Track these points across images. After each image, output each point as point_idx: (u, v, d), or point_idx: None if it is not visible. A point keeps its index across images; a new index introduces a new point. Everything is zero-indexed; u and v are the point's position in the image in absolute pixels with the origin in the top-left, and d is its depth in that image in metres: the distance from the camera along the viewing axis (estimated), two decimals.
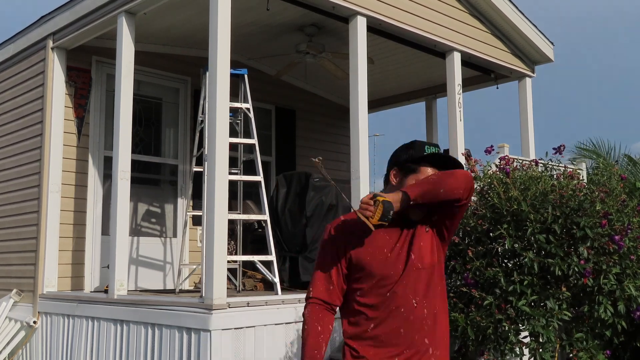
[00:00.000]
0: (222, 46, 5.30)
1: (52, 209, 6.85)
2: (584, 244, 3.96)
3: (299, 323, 5.49)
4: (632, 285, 4.02)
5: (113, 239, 5.96)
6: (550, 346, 3.89)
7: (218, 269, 5.01)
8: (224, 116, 5.26)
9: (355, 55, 6.32)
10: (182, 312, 5.14)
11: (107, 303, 5.92)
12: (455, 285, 4.27)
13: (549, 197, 4.04)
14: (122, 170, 6.01)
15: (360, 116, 6.25)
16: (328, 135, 9.80)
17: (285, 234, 7.08)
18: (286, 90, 9.25)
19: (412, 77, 9.14)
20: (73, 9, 6.75)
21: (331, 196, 7.09)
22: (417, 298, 2.44)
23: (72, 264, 6.98)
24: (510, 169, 4.29)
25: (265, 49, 8.19)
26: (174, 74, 8.00)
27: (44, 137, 6.94)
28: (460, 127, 7.30)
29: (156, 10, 6.28)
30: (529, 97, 8.36)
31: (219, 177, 5.15)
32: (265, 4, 6.33)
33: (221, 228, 5.09)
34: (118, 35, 6.20)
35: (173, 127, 8.05)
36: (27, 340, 6.87)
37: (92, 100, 7.30)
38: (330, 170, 9.32)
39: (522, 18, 7.95)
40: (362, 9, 6.34)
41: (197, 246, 7.78)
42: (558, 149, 4.56)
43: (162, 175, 8.03)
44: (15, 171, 7.43)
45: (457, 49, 7.35)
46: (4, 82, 7.90)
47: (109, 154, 6.94)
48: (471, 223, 4.17)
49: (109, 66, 7.31)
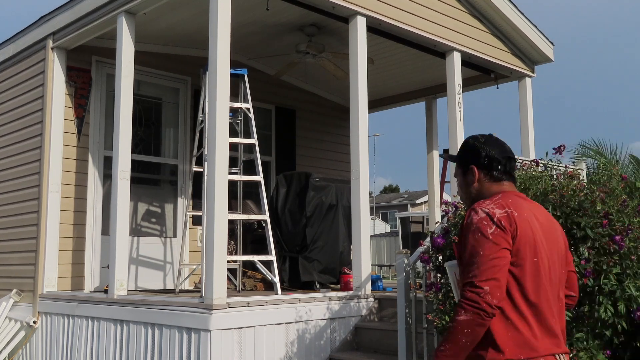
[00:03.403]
0: (222, 46, 5.30)
1: (52, 209, 6.85)
2: (584, 244, 3.96)
3: (299, 323, 5.49)
4: (632, 285, 4.02)
5: (113, 239, 5.96)
6: None
7: (218, 269, 5.01)
8: (224, 116, 5.26)
9: (355, 55, 6.33)
10: (182, 312, 5.14)
11: (107, 303, 5.92)
12: None
13: (550, 197, 4.04)
14: (122, 170, 6.02)
15: (360, 116, 6.25)
16: (328, 135, 9.79)
17: (285, 234, 7.08)
18: (286, 90, 9.25)
19: (412, 77, 9.14)
20: (73, 9, 6.75)
21: (331, 196, 7.10)
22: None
23: (72, 264, 6.98)
24: None
25: (265, 49, 8.19)
26: (174, 74, 8.00)
27: (44, 137, 6.93)
28: (460, 127, 7.30)
29: (156, 10, 6.28)
30: (529, 97, 8.36)
31: (219, 177, 5.15)
32: (265, 4, 6.34)
33: (221, 228, 5.09)
34: (118, 35, 6.20)
35: (173, 127, 8.05)
36: (27, 340, 6.87)
37: (92, 100, 7.30)
38: (330, 170, 9.33)
39: (522, 18, 7.95)
40: (362, 9, 6.34)
41: (197, 246, 7.77)
42: (558, 149, 4.56)
43: (162, 175, 8.03)
44: (15, 171, 7.43)
45: (457, 49, 7.35)
46: (4, 82, 7.89)
47: (109, 154, 6.94)
48: None
49: (109, 66, 7.31)
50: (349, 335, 5.83)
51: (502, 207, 2.34)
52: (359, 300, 5.99)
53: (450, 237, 4.27)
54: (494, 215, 2.31)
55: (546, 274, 2.33)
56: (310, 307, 5.59)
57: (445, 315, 4.08)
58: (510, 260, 2.27)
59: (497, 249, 2.25)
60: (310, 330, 5.56)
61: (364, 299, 6.04)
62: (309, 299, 5.64)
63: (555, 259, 2.40)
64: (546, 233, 2.40)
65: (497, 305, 2.20)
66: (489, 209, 2.34)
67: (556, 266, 2.40)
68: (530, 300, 2.27)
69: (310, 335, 5.56)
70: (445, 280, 4.40)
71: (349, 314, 5.89)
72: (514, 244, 2.28)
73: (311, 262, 6.88)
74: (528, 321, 2.26)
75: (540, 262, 2.31)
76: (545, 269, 2.33)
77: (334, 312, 5.74)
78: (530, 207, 2.43)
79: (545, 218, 2.48)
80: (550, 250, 2.38)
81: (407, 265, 5.00)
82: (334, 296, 5.82)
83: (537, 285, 2.29)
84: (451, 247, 4.29)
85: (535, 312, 2.28)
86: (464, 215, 3.63)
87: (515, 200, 2.42)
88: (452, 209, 4.43)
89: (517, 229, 2.29)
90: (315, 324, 5.61)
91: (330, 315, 5.70)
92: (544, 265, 2.33)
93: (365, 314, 6.00)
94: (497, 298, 2.20)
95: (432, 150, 9.62)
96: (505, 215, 2.30)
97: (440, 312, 4.15)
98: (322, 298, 5.72)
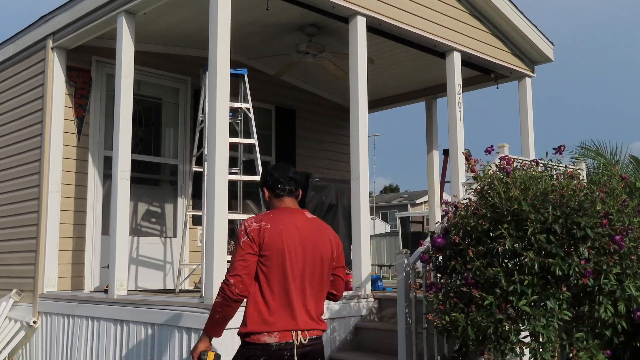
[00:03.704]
0: (222, 46, 5.30)
1: (52, 209, 6.85)
2: (584, 244, 3.96)
3: None
4: (632, 285, 4.02)
5: (113, 239, 5.96)
6: (550, 346, 3.89)
7: (218, 268, 5.01)
8: (224, 116, 5.26)
9: (355, 55, 6.32)
10: (182, 312, 5.14)
11: (107, 303, 5.92)
12: (456, 285, 4.27)
13: (550, 197, 4.04)
14: (122, 170, 6.02)
15: (360, 116, 6.25)
16: (328, 135, 9.79)
17: None
18: (286, 90, 9.25)
19: (412, 77, 9.14)
20: (73, 9, 6.75)
21: (331, 196, 7.10)
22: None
23: (72, 263, 6.98)
24: (511, 168, 4.29)
25: (265, 49, 8.19)
26: (174, 74, 8.00)
27: (44, 137, 6.93)
28: (460, 127, 7.30)
29: (156, 10, 6.28)
30: (529, 97, 8.36)
31: (219, 177, 5.15)
32: (265, 3, 6.34)
33: (221, 228, 5.09)
34: (118, 35, 6.20)
35: (173, 127, 8.05)
36: (27, 340, 6.87)
37: (92, 100, 7.30)
38: (330, 170, 9.33)
39: (522, 18, 7.95)
40: (362, 8, 6.34)
41: (197, 246, 7.77)
42: (558, 149, 4.55)
43: (162, 175, 8.03)
44: (15, 171, 7.43)
45: (457, 48, 7.35)
46: (4, 82, 7.90)
47: (109, 154, 6.94)
48: (471, 223, 4.16)
49: (109, 66, 7.31)
50: (349, 335, 5.83)
51: (259, 221, 3.10)
52: (359, 300, 5.99)
53: (451, 237, 4.27)
54: (249, 227, 3.07)
55: (292, 272, 3.05)
56: None
57: (445, 315, 4.08)
58: (261, 260, 3.04)
59: (244, 253, 3.03)
60: None
61: (364, 298, 6.03)
62: None
63: (311, 261, 3.12)
64: (305, 241, 3.12)
65: (239, 294, 3.01)
66: (248, 223, 3.10)
67: (312, 266, 3.12)
68: (275, 291, 3.03)
69: None
70: (446, 280, 4.40)
71: (349, 314, 5.89)
72: (262, 250, 3.03)
73: None
74: (269, 305, 3.02)
75: (286, 263, 3.04)
76: (293, 269, 3.06)
77: (333, 312, 5.74)
78: (293, 221, 3.15)
79: (311, 229, 3.18)
80: (304, 254, 3.10)
81: (407, 265, 4.99)
82: None
83: (281, 280, 3.04)
84: (451, 247, 4.30)
85: (278, 299, 3.03)
86: (463, 215, 4.20)
87: (279, 215, 3.16)
88: (452, 209, 4.43)
89: (265, 239, 3.03)
90: None
91: (330, 315, 5.70)
92: (291, 265, 3.06)
93: (365, 314, 6.00)
94: (239, 289, 3.00)
95: (432, 150, 9.62)
96: (258, 228, 3.06)
97: (440, 312, 4.15)
98: None
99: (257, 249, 3.03)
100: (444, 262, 4.38)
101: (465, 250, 4.13)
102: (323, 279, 3.18)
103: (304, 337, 3.04)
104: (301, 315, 3.05)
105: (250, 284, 3.03)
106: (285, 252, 3.05)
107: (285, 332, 3.01)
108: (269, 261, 3.03)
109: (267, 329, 2.99)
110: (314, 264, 3.13)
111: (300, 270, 3.08)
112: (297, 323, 3.04)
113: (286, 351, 3.00)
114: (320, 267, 3.15)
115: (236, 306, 3.06)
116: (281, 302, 3.03)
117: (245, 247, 3.03)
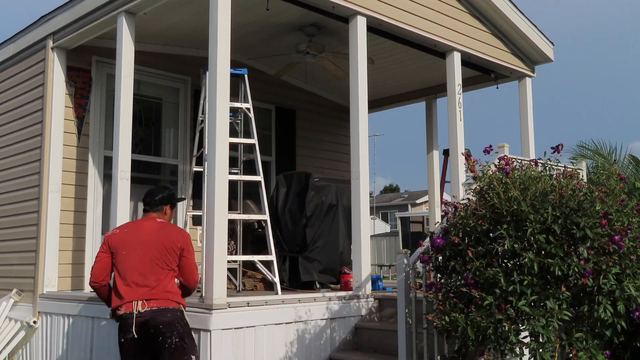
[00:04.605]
0: (222, 46, 5.30)
1: (52, 209, 6.85)
2: (583, 244, 3.96)
3: (298, 323, 5.50)
4: (631, 285, 4.02)
5: None
6: (550, 346, 3.89)
7: (218, 269, 5.02)
8: (224, 116, 5.27)
9: (355, 55, 6.33)
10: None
11: None
12: (455, 285, 4.27)
13: (549, 197, 4.04)
14: (122, 170, 6.02)
15: (360, 116, 6.25)
16: (328, 135, 9.80)
17: (285, 234, 7.08)
18: (286, 90, 9.25)
19: (412, 77, 9.14)
20: (73, 9, 6.75)
21: (331, 196, 7.10)
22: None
23: (72, 264, 6.98)
24: (510, 168, 4.29)
25: (265, 49, 8.19)
26: (174, 74, 8.01)
27: (44, 137, 6.94)
28: (460, 127, 7.31)
29: (156, 10, 6.28)
30: (529, 97, 8.36)
31: (219, 177, 5.15)
32: (265, 3, 6.34)
33: (221, 228, 5.10)
34: (118, 35, 6.20)
35: (173, 127, 8.06)
36: (27, 340, 6.88)
37: (92, 100, 7.30)
38: (330, 170, 9.33)
39: (522, 18, 7.95)
40: (362, 8, 6.35)
41: (197, 246, 7.77)
42: (556, 148, 4.54)
43: (162, 175, 8.04)
44: (15, 171, 7.43)
45: (457, 48, 7.36)
46: (4, 82, 7.90)
47: (109, 154, 6.95)
48: (471, 223, 4.17)
49: (109, 66, 7.31)
50: (349, 335, 5.83)
51: (115, 229, 4.59)
52: (359, 300, 6.00)
53: (450, 237, 4.27)
54: (107, 234, 4.54)
55: (132, 261, 4.30)
56: (310, 307, 5.60)
57: (445, 315, 4.08)
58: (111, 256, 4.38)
59: (99, 252, 4.44)
60: (310, 330, 5.57)
61: (364, 298, 6.04)
62: (309, 299, 5.64)
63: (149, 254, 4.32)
64: (144, 239, 4.37)
65: (95, 281, 4.38)
66: (110, 231, 4.63)
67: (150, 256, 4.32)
68: (122, 275, 4.30)
69: (310, 335, 5.56)
70: (445, 280, 4.41)
71: (349, 314, 5.89)
72: (112, 249, 4.38)
73: (311, 262, 6.88)
74: (118, 286, 4.28)
75: (127, 255, 4.32)
76: (131, 259, 4.31)
77: (333, 312, 5.74)
78: (138, 227, 4.49)
79: (151, 231, 4.41)
80: (144, 249, 4.33)
81: (407, 265, 5.00)
82: (333, 296, 5.83)
83: (124, 267, 4.31)
84: (451, 248, 4.30)
85: (124, 281, 4.28)
86: (462, 215, 4.30)
87: (131, 224, 4.62)
88: (452, 209, 4.43)
89: (112, 241, 4.41)
90: (315, 324, 5.62)
91: (330, 315, 5.71)
92: (130, 257, 4.31)
93: (365, 314, 6.00)
94: (93, 278, 4.38)
95: (432, 150, 9.63)
96: (110, 234, 4.49)
97: (440, 312, 4.15)
98: (322, 298, 5.72)
99: (108, 249, 4.40)
100: (444, 263, 4.38)
101: (465, 250, 4.13)
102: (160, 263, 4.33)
103: (142, 307, 4.20)
104: (145, 290, 4.24)
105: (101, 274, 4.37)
106: (127, 248, 4.34)
107: (129, 303, 4.22)
108: (116, 256, 4.36)
109: (120, 303, 4.26)
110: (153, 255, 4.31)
111: (138, 259, 4.29)
112: (137, 295, 4.24)
113: (129, 319, 4.19)
114: (158, 257, 4.31)
115: (100, 290, 4.45)
116: (126, 282, 4.27)
117: (101, 247, 4.44)
